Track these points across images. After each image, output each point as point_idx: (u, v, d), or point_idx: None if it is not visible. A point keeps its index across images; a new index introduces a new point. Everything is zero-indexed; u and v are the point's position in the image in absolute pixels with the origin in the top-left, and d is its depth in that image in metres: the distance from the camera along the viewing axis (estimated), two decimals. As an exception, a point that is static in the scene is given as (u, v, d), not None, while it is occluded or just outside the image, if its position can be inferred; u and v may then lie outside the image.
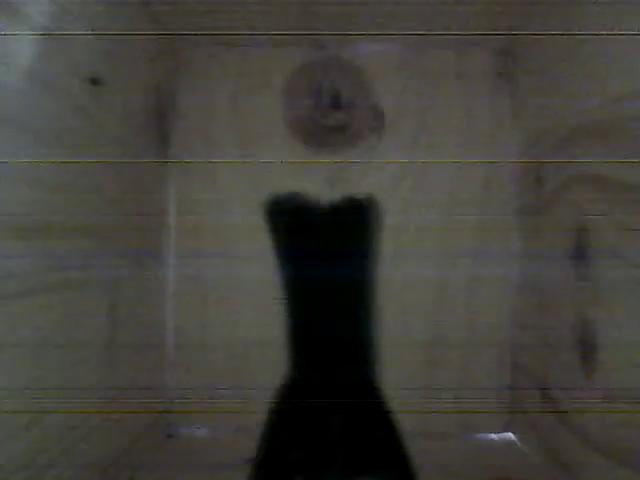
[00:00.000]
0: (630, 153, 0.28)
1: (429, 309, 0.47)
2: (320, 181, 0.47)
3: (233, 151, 0.48)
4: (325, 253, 0.30)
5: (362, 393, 0.28)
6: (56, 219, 0.28)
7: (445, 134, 0.48)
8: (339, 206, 0.30)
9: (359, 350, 0.30)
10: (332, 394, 0.25)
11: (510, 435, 0.46)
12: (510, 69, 0.48)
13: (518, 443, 0.45)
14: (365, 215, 0.31)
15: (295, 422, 0.24)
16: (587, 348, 0.32)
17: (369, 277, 0.31)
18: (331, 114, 0.48)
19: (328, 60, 0.48)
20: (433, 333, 0.47)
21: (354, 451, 0.23)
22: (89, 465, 0.32)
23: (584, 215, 0.33)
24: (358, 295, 0.30)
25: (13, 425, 0.25)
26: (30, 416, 0.26)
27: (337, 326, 0.29)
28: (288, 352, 0.30)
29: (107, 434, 0.35)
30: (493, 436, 0.47)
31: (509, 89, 0.48)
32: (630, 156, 0.28)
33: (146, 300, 0.43)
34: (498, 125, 0.48)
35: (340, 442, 0.24)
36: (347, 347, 0.29)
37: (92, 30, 0.31)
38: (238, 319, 0.47)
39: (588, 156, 0.32)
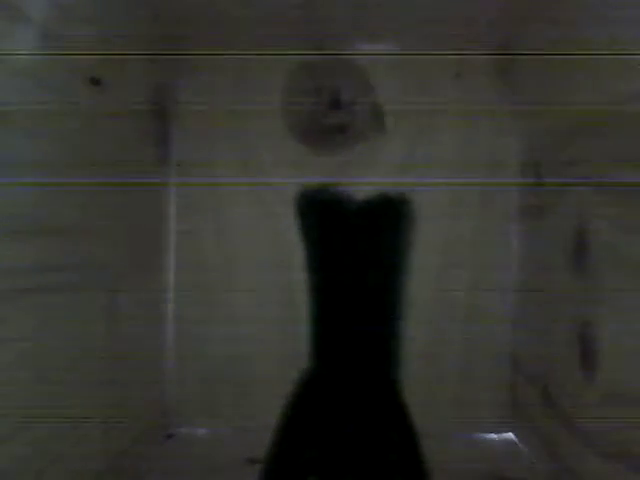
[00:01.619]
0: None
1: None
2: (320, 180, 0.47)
3: (233, 150, 0.48)
4: (355, 248, 0.29)
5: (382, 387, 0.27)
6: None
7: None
8: (372, 201, 0.30)
9: (384, 345, 0.29)
10: (352, 389, 0.25)
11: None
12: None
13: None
14: (398, 212, 0.30)
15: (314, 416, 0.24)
16: (587, 347, 0.32)
17: (400, 273, 0.30)
18: (331, 114, 0.48)
19: (328, 60, 0.48)
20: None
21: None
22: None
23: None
24: (388, 291, 0.30)
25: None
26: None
27: (362, 321, 0.29)
28: (311, 346, 0.29)
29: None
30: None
31: None
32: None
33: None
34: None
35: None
36: (371, 341, 0.29)
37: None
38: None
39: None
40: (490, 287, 0.47)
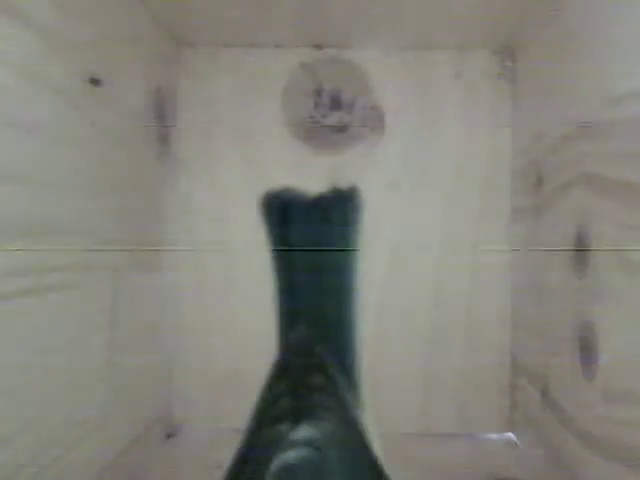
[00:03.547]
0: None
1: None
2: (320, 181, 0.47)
3: (233, 151, 0.48)
4: (313, 242, 0.31)
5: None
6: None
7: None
8: (325, 197, 0.32)
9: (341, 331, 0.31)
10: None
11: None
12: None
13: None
14: (348, 205, 0.32)
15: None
16: (587, 348, 0.32)
17: (352, 263, 0.32)
18: (331, 114, 0.48)
19: (328, 60, 0.48)
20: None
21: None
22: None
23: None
24: (342, 280, 0.32)
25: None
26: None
27: (323, 309, 0.31)
28: (277, 335, 0.32)
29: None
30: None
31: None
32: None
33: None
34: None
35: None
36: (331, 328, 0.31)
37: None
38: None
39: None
40: (489, 287, 0.48)
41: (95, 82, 0.32)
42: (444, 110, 0.48)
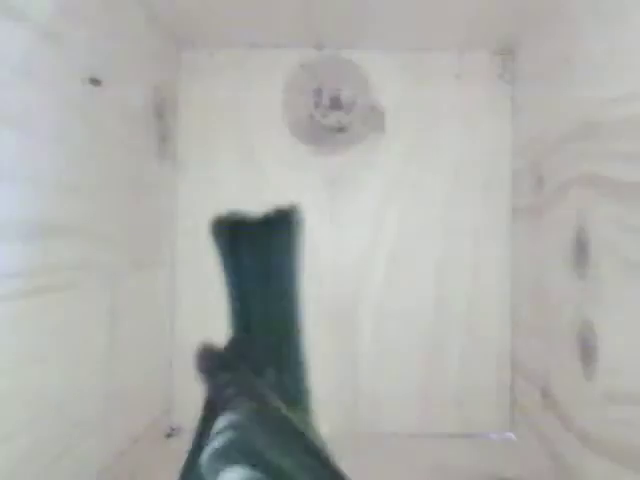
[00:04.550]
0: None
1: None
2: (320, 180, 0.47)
3: (233, 150, 0.48)
4: (260, 261, 0.34)
5: None
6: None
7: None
8: (269, 216, 0.35)
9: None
10: None
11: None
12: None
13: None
14: (289, 223, 0.36)
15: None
16: (587, 348, 0.32)
17: (294, 277, 0.35)
18: (331, 114, 0.48)
19: (328, 60, 0.48)
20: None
21: None
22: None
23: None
24: (286, 290, 0.35)
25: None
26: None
27: (268, 314, 0.34)
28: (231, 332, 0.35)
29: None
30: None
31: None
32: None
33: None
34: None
35: None
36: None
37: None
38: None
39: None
40: (489, 287, 0.48)
41: (95, 82, 0.32)
42: (444, 110, 0.48)
